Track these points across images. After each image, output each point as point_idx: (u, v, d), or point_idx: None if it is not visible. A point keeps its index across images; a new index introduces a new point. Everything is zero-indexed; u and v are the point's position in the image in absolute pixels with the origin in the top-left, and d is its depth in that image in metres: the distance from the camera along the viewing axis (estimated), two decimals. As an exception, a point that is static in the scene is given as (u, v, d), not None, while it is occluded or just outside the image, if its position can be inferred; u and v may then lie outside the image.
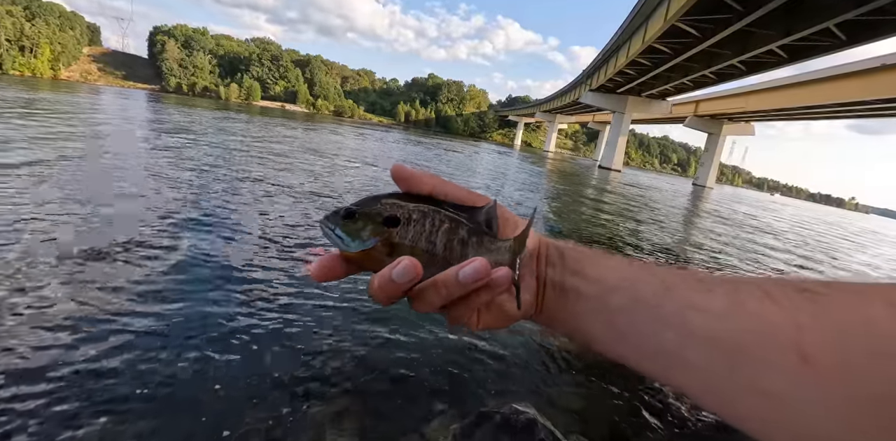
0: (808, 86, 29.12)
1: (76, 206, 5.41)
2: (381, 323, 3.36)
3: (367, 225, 0.38)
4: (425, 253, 0.38)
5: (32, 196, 5.62)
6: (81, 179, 6.65)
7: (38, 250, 4.02)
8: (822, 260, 10.89)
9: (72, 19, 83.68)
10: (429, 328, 3.33)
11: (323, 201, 7.72)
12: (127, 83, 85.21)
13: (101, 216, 5.09)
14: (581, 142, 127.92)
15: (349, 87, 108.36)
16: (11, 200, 5.20)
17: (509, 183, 14.63)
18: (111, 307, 3.11)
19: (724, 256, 8.66)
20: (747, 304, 0.29)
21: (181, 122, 19.79)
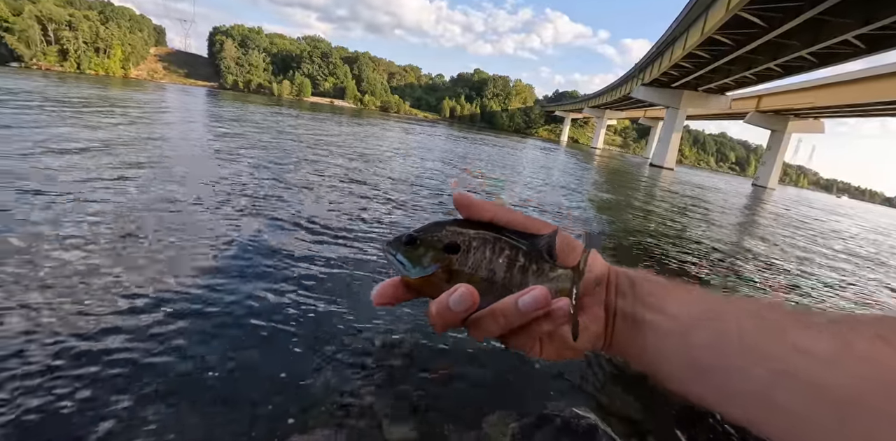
0: (888, 78, 26.61)
1: (142, 186, 6.12)
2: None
3: (427, 251, 0.38)
4: (484, 280, 0.38)
5: (107, 173, 6.49)
6: (153, 163, 7.52)
7: (106, 227, 4.42)
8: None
9: (140, 22, 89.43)
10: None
11: (369, 193, 7.95)
12: (188, 81, 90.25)
13: (164, 198, 5.60)
14: (631, 138, 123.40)
15: (395, 83, 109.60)
16: (92, 176, 6.18)
17: (554, 181, 14.27)
18: (171, 287, 3.36)
19: (785, 263, 8.09)
20: (857, 346, 0.26)
21: (238, 116, 21.11)
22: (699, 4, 21.55)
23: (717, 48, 24.80)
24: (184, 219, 4.92)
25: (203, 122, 16.81)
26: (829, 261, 9.38)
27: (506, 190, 11.03)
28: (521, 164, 19.28)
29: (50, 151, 7.15)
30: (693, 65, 30.23)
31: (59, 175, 5.90)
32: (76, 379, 2.28)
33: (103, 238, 4.09)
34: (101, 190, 5.55)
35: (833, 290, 6.87)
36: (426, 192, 9.05)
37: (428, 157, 15.63)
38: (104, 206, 4.96)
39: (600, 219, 9.27)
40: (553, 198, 10.61)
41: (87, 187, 5.60)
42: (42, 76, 40.76)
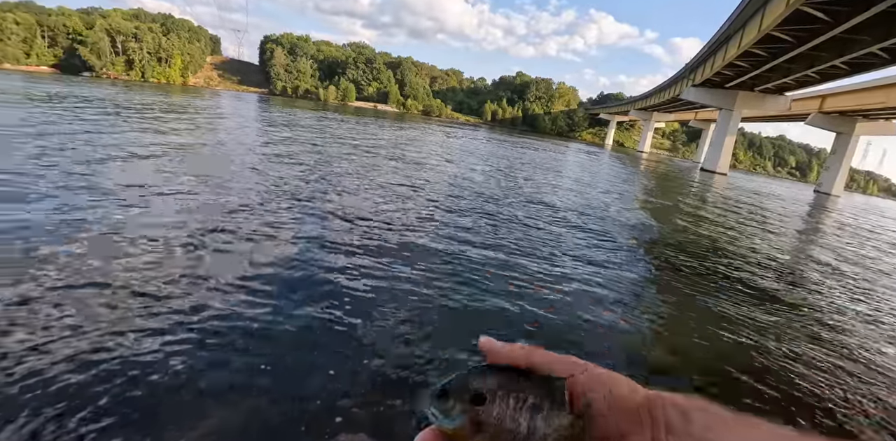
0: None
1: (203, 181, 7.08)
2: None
3: (455, 404, 0.40)
4: (509, 431, 0.39)
5: (174, 170, 7.44)
6: (210, 160, 8.47)
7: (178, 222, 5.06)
8: None
9: (198, 33, 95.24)
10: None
11: (410, 193, 8.15)
12: (241, 87, 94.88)
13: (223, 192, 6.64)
14: (680, 142, 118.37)
15: (438, 87, 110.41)
16: (162, 173, 7.36)
17: (598, 186, 13.79)
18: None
19: (854, 279, 7.37)
20: None
21: (285, 121, 22.57)
22: (756, 0, 20.36)
23: (775, 46, 23.34)
24: (238, 219, 5.53)
25: (254, 125, 18.44)
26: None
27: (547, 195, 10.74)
28: (563, 168, 18.79)
29: (121, 154, 8.57)
30: (749, 64, 28.61)
31: (131, 175, 7.08)
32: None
33: (166, 232, 4.71)
34: (167, 189, 6.47)
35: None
36: (462, 197, 8.96)
37: (467, 163, 15.52)
38: (169, 202, 5.85)
39: (648, 228, 8.79)
40: (597, 205, 10.18)
41: (158, 183, 6.71)
42: (111, 84, 44.44)
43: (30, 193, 5.28)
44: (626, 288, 5.03)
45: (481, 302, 4.13)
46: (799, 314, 5.31)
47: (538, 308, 4.10)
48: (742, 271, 6.59)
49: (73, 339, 2.64)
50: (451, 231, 6.15)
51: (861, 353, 4.39)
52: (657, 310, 4.72)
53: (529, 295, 4.38)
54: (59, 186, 5.74)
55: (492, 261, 5.19)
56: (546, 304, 4.28)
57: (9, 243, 3.89)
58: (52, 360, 2.45)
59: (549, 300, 4.36)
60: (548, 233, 6.94)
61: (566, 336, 3.71)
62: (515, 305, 4.09)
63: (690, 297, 5.09)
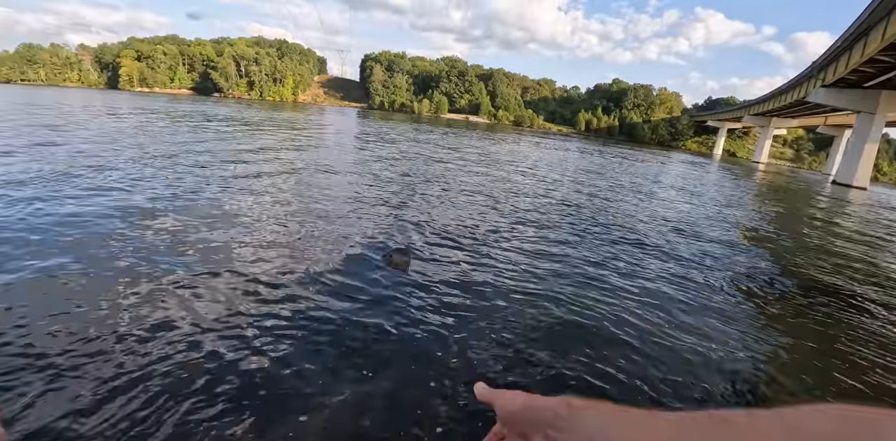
0: None
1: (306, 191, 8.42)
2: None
3: None
4: None
5: (276, 178, 9.22)
6: (315, 171, 10.08)
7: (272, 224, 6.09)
8: None
9: (307, 55, 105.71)
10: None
11: (492, 203, 8.58)
12: (343, 103, 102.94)
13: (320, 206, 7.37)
14: (805, 151, 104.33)
15: (529, 97, 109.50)
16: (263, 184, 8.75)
17: (703, 204, 12.15)
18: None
19: None
20: None
21: (381, 132, 24.75)
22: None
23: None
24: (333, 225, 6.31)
25: (354, 136, 20.70)
26: None
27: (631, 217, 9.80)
28: (659, 181, 17.24)
29: (240, 162, 10.25)
30: (894, 58, 24.36)
31: (245, 181, 8.62)
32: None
33: (261, 232, 5.56)
34: (271, 190, 7.98)
35: None
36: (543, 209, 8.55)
37: (549, 178, 14.86)
38: (268, 203, 7.01)
39: (762, 262, 7.14)
40: (696, 232, 8.55)
41: (265, 185, 8.40)
42: (235, 103, 50.87)
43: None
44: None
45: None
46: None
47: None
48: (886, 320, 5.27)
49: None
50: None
51: None
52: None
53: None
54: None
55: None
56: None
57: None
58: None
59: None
60: (634, 263, 6.02)
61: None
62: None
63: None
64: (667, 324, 4.01)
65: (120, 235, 4.74)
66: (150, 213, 5.72)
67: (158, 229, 5.15)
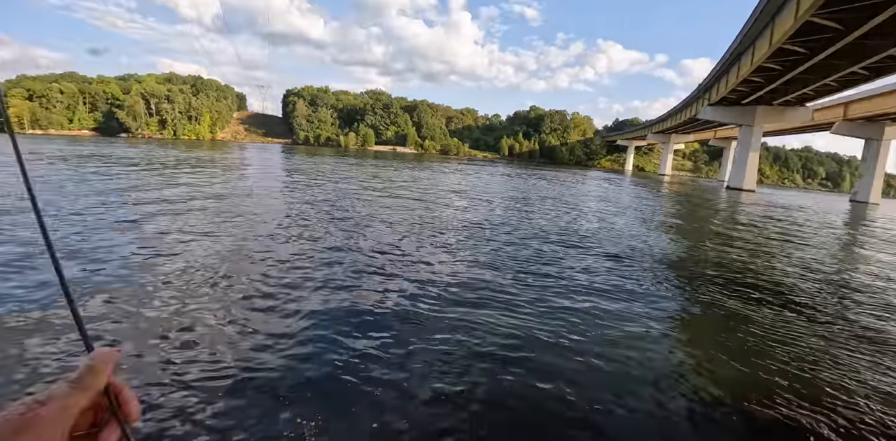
0: None
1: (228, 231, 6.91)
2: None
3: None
4: None
5: (197, 217, 7.57)
6: (229, 214, 8.38)
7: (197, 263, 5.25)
8: None
9: (224, 91, 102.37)
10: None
11: (418, 229, 8.33)
12: (266, 139, 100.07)
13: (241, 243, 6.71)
14: (702, 161, 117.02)
15: (454, 126, 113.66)
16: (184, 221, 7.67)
17: (622, 213, 13.49)
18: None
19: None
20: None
21: (305, 167, 23.02)
22: (764, 15, 20.84)
23: (788, 59, 23.61)
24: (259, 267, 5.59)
25: (276, 173, 18.53)
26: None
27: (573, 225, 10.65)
28: (582, 199, 18.34)
29: (151, 204, 8.61)
30: (763, 79, 28.85)
31: (157, 226, 7.30)
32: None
33: (184, 279, 4.91)
34: (188, 238, 6.61)
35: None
36: (480, 229, 9.05)
37: (482, 198, 15.66)
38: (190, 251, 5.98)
39: (676, 251, 8.55)
40: (623, 234, 9.84)
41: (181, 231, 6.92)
42: (146, 143, 47.31)
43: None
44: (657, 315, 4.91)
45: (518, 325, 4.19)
46: (841, 330, 5.19)
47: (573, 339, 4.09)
48: (771, 285, 6.43)
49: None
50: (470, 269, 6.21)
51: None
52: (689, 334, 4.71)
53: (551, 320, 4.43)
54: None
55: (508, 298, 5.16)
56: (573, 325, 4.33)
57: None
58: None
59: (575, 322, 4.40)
60: (572, 262, 6.85)
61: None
62: (548, 334, 4.12)
63: (725, 317, 5.00)
64: (590, 335, 4.16)
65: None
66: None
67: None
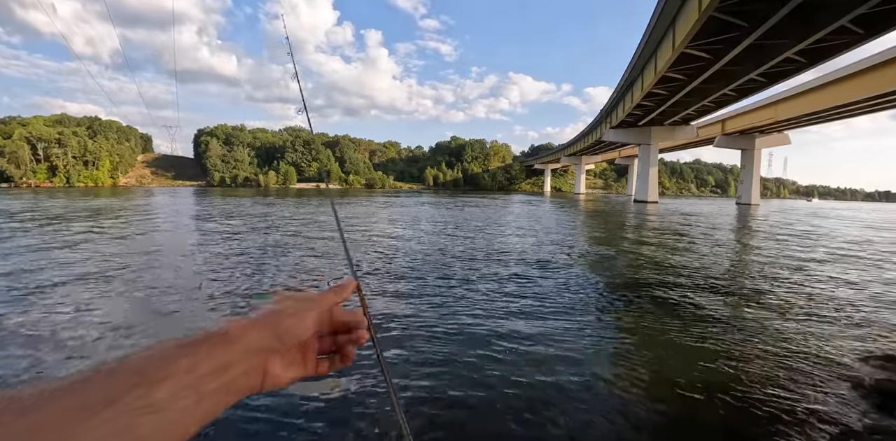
0: (837, 84, 28.61)
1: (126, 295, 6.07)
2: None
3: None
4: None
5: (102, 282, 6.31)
6: (136, 270, 7.08)
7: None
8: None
9: (127, 132, 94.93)
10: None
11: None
12: (177, 182, 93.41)
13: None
14: (611, 179, 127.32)
15: (377, 160, 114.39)
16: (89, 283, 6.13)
17: (544, 231, 14.26)
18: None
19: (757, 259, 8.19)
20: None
21: (219, 211, 20.54)
22: (648, 47, 23.70)
23: (672, 85, 26.82)
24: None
25: (185, 221, 15.87)
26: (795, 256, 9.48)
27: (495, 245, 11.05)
28: (507, 220, 18.92)
29: (30, 272, 6.65)
30: (654, 102, 32.40)
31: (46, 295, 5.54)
32: None
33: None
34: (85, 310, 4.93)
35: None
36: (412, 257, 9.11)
37: (413, 228, 15.81)
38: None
39: (597, 256, 9.30)
40: (548, 247, 10.47)
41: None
42: (31, 193, 41.76)
43: None
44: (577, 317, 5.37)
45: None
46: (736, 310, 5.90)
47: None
48: (674, 277, 7.19)
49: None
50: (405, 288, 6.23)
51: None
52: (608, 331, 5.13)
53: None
54: None
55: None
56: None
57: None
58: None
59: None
60: (497, 276, 7.14)
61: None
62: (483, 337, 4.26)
63: (638, 315, 5.51)
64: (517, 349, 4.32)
65: None
66: None
67: None
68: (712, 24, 17.18)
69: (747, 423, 2.92)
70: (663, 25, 20.75)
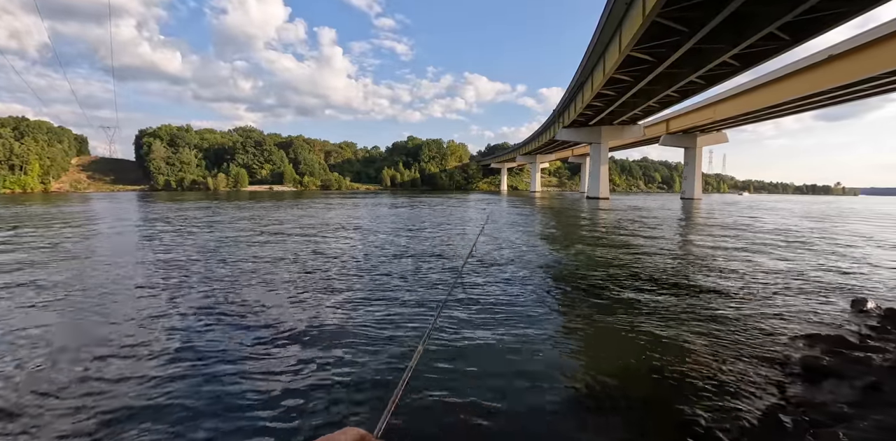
0: (768, 87, 30.84)
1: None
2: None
3: None
4: None
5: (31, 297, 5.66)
6: (66, 289, 6.28)
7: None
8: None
9: (59, 133, 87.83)
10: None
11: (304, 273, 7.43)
12: (116, 187, 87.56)
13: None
14: (565, 177, 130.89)
15: (333, 161, 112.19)
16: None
17: (502, 229, 14.50)
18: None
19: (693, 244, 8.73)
20: None
21: (162, 217, 18.81)
22: (596, 50, 24.52)
23: (620, 86, 27.87)
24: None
25: (126, 229, 14.28)
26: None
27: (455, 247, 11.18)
28: (466, 219, 19.12)
29: None
30: (603, 103, 33.56)
31: None
32: None
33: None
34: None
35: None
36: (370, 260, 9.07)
37: (372, 231, 15.65)
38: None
39: (554, 253, 9.52)
40: (506, 245, 10.69)
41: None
42: None
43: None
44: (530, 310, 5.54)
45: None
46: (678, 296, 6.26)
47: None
48: (628, 268, 7.55)
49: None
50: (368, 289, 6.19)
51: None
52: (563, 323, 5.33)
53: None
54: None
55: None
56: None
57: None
58: None
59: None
60: (468, 271, 7.32)
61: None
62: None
63: (595, 303, 5.74)
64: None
65: None
66: None
67: None
68: (656, 28, 17.95)
69: (683, 401, 3.10)
70: (610, 29, 21.52)
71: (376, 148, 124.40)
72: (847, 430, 2.64)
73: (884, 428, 2.65)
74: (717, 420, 2.83)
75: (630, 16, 18.86)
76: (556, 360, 3.78)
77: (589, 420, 2.88)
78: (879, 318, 5.16)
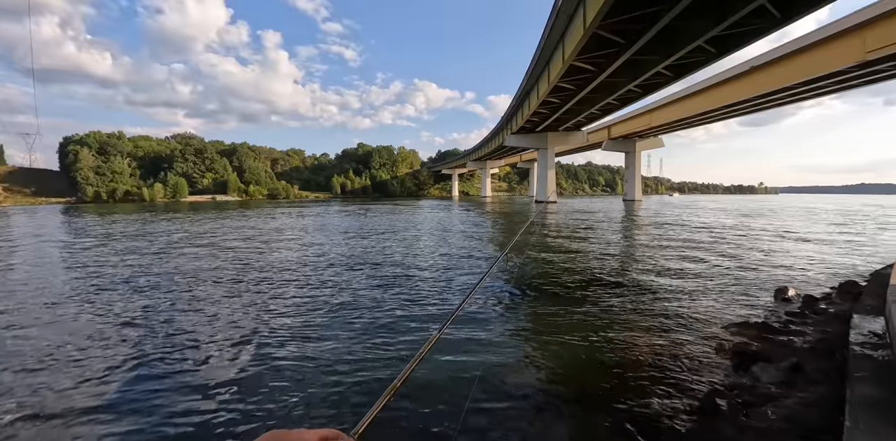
0: (698, 95, 33.22)
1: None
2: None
3: None
4: None
5: None
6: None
7: None
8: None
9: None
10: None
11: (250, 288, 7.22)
12: (38, 200, 79.93)
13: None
14: (514, 182, 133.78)
15: (280, 169, 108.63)
16: None
17: (454, 235, 14.71)
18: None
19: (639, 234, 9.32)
20: None
21: (87, 233, 17.31)
22: (541, 59, 25.38)
23: (564, 94, 28.98)
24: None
25: (44, 248, 12.86)
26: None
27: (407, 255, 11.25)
28: (418, 225, 19.20)
29: None
30: (549, 110, 34.75)
31: None
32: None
33: None
34: None
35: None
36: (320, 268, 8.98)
37: (320, 241, 15.33)
38: None
39: (506, 256, 9.84)
40: (459, 252, 10.81)
41: None
42: None
43: None
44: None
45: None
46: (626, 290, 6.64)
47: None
48: (576, 266, 7.93)
49: None
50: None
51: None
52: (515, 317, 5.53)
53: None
54: None
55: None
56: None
57: None
58: None
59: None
60: (419, 281, 7.41)
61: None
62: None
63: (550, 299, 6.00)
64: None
65: None
66: None
67: None
68: (596, 40, 18.86)
69: (626, 387, 3.35)
70: (554, 40, 22.37)
71: (325, 155, 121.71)
72: (775, 408, 2.93)
73: (807, 404, 2.96)
74: (660, 407, 3.05)
75: (572, 27, 19.70)
76: (507, 360, 3.93)
77: (540, 416, 3.02)
78: (800, 305, 5.73)
